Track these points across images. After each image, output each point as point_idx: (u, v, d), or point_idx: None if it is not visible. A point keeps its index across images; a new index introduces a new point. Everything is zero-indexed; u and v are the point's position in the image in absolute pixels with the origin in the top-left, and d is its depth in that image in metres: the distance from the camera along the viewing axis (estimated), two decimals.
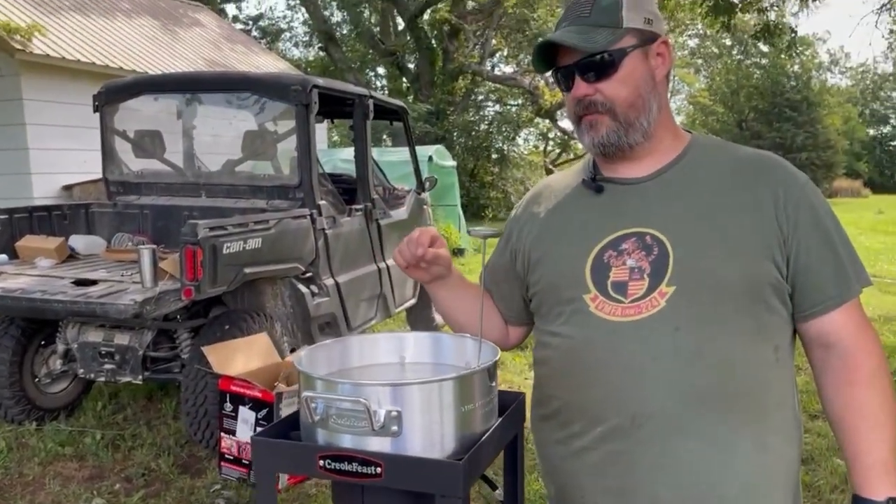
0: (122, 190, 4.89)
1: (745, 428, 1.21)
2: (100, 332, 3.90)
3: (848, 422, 1.23)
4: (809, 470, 3.62)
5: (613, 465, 1.25)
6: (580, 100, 1.29)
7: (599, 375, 1.24)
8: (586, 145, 1.32)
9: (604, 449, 1.25)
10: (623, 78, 1.26)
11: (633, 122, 1.28)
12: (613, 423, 1.23)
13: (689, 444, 1.20)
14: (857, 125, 48.25)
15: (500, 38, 23.23)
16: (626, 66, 1.26)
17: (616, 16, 1.25)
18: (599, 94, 1.27)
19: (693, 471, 1.20)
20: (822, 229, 1.25)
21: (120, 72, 8.59)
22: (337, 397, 1.09)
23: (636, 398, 1.21)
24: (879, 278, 9.67)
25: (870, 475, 1.21)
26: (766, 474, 1.23)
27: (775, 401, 1.25)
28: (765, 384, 1.23)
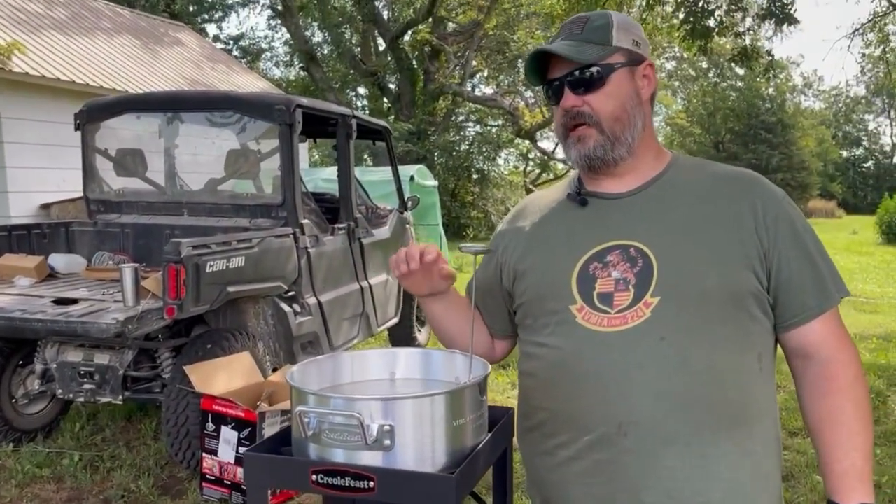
0: (102, 208, 4.86)
1: (730, 435, 1.24)
2: (79, 351, 3.85)
3: (824, 429, 1.27)
4: (789, 486, 3.65)
5: (600, 473, 1.26)
6: (568, 110, 1.33)
7: (586, 385, 1.26)
8: (573, 159, 1.36)
9: (590, 458, 1.27)
10: (610, 92, 1.31)
11: (618, 136, 1.32)
12: (600, 432, 1.25)
13: (674, 451, 1.22)
14: (830, 147, 49.13)
15: (481, 60, 23.48)
16: (613, 81, 1.31)
17: (606, 35, 1.31)
18: (587, 105, 1.31)
19: (678, 477, 1.22)
20: (801, 242, 1.29)
21: (101, 90, 8.56)
22: (330, 412, 1.10)
23: (622, 407, 1.23)
24: (854, 297, 9.81)
25: (843, 481, 1.25)
26: (750, 481, 1.26)
27: (759, 409, 1.28)
28: (749, 392, 1.26)
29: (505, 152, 26.06)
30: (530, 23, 21.41)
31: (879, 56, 9.86)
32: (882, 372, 5.84)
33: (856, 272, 12.64)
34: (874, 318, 8.49)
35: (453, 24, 22.01)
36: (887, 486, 3.65)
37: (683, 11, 8.16)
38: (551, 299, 1.33)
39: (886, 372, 5.87)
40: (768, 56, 8.71)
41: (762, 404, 1.28)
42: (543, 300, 1.34)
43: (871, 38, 9.81)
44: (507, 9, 21.12)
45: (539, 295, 1.35)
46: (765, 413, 1.29)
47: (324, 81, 21.03)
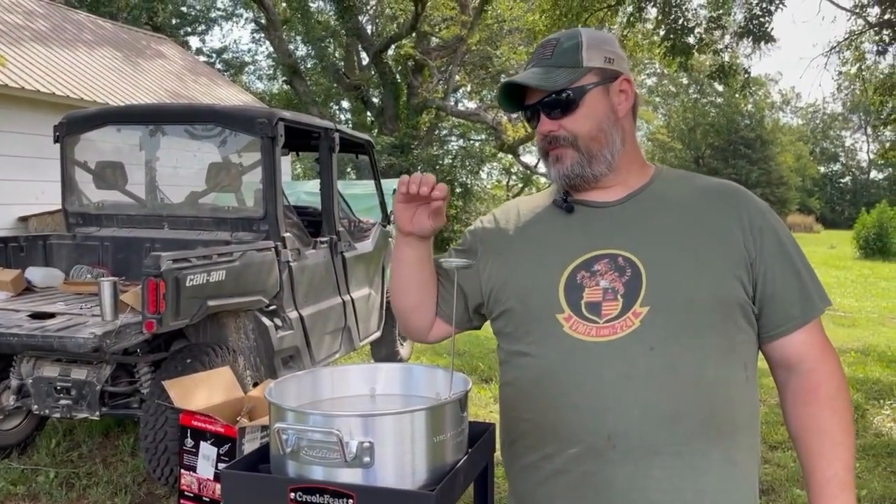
0: (81, 221, 4.80)
1: (717, 444, 1.24)
2: (56, 366, 3.79)
3: (807, 439, 1.29)
4: (770, 500, 3.67)
5: (587, 486, 1.25)
6: (545, 135, 1.35)
7: (574, 395, 1.25)
8: (553, 178, 1.37)
9: (578, 470, 1.26)
10: (584, 113, 1.32)
11: (595, 154, 1.33)
12: (587, 443, 1.24)
13: (663, 461, 1.22)
14: (808, 163, 49.88)
15: (464, 75, 23.61)
16: (586, 103, 1.32)
17: (576, 57, 1.32)
18: (563, 129, 1.32)
19: (666, 488, 1.22)
20: (786, 253, 1.31)
21: (81, 102, 8.50)
22: (308, 428, 1.09)
23: (611, 418, 1.22)
24: (833, 311, 9.92)
25: (826, 491, 1.26)
26: (735, 489, 1.26)
27: (744, 418, 1.28)
28: (735, 402, 1.26)
29: (488, 166, 26.18)
30: (513, 38, 21.58)
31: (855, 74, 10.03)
32: (860, 385, 5.90)
33: (834, 286, 12.79)
34: (852, 332, 8.58)
35: (437, 38, 22.13)
36: (866, 500, 3.67)
37: (664, 28, 8.26)
38: (537, 307, 1.31)
39: (864, 385, 5.93)
40: (745, 73, 8.83)
41: (747, 414, 1.29)
42: (528, 308, 1.32)
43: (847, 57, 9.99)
44: (490, 24, 21.27)
45: (523, 302, 1.33)
46: (749, 423, 1.30)
47: (307, 95, 21.02)
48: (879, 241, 20.33)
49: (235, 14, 27.53)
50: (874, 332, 8.61)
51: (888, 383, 6.00)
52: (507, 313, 1.36)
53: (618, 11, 8.88)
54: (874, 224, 20.70)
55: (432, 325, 1.50)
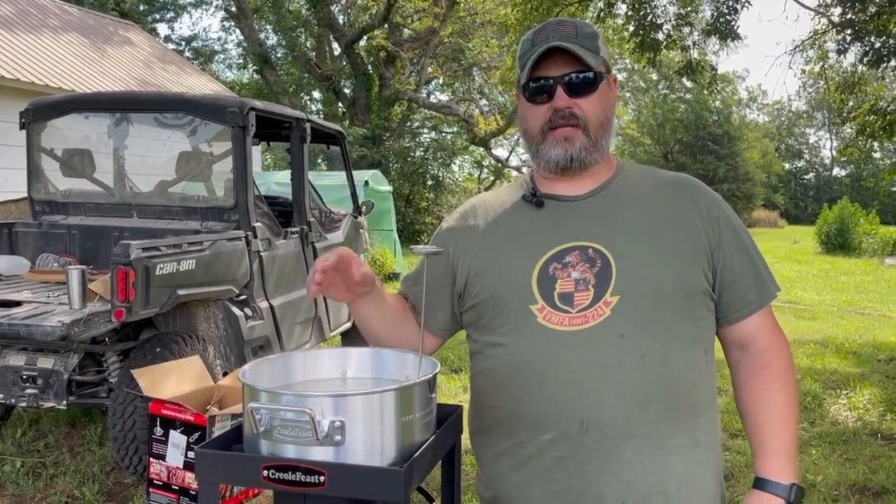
0: (47, 209, 4.75)
1: (682, 427, 1.30)
2: (22, 355, 3.75)
3: (757, 411, 1.36)
4: (730, 486, 3.78)
5: (560, 470, 1.30)
6: (559, 109, 1.35)
7: (547, 383, 1.29)
8: (553, 157, 1.36)
9: (550, 455, 1.30)
10: (599, 98, 1.37)
11: (598, 141, 1.37)
12: (560, 429, 1.29)
13: (633, 445, 1.27)
14: (773, 159, 50.73)
15: (436, 67, 23.59)
16: (601, 89, 1.37)
17: (595, 43, 1.37)
18: (578, 108, 1.35)
19: (637, 470, 1.28)
20: (741, 241, 1.39)
21: (46, 89, 8.35)
22: (281, 408, 1.12)
23: (584, 404, 1.27)
24: (793, 305, 10.17)
25: (775, 461, 1.33)
26: (700, 468, 1.33)
27: (705, 400, 1.35)
28: (698, 385, 1.33)
29: (459, 159, 26.22)
30: (485, 31, 21.61)
31: (819, 72, 10.25)
32: (818, 376, 6.07)
33: (795, 280, 13.08)
34: (812, 325, 8.80)
35: (409, 30, 22.07)
36: (822, 486, 3.80)
37: (633, 24, 8.36)
38: (510, 299, 1.35)
39: (823, 375, 6.11)
40: (712, 70, 8.98)
41: (708, 396, 1.37)
42: (501, 300, 1.36)
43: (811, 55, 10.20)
44: (463, 17, 21.28)
45: (497, 294, 1.36)
46: (709, 404, 1.37)
47: (278, 85, 20.86)
48: (840, 237, 20.81)
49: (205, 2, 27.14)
50: (833, 325, 8.84)
51: (845, 374, 6.18)
52: (480, 305, 1.39)
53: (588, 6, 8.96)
54: (836, 220, 21.17)
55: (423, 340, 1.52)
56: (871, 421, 4.95)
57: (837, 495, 3.71)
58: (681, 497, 1.30)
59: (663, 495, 1.29)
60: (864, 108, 9.26)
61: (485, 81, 23.75)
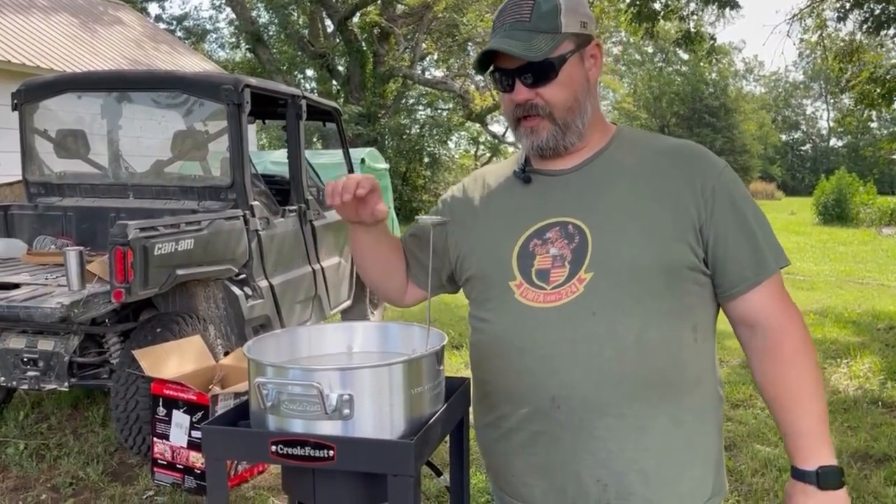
0: (43, 191, 4.71)
1: (661, 405, 1.27)
2: (22, 338, 3.74)
3: (777, 397, 1.31)
4: (731, 456, 3.80)
5: (537, 444, 1.30)
6: (520, 104, 1.33)
7: (521, 359, 1.29)
8: (525, 147, 1.38)
9: (528, 429, 1.31)
10: (562, 83, 1.31)
11: (570, 124, 1.33)
12: (534, 404, 1.29)
13: (606, 422, 1.26)
14: (770, 131, 50.60)
15: (431, 42, 23.35)
16: (565, 72, 1.30)
17: (555, 21, 1.28)
18: (539, 97, 1.31)
19: (611, 448, 1.26)
20: (739, 213, 1.31)
21: (37, 70, 8.26)
22: (289, 382, 1.11)
23: (555, 381, 1.26)
24: (792, 275, 10.18)
25: (800, 446, 1.29)
26: (683, 448, 1.30)
27: (692, 379, 1.31)
28: (681, 363, 1.29)
29: (456, 136, 26.08)
30: (479, 5, 21.36)
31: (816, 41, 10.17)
32: (818, 345, 6.09)
33: (794, 251, 13.09)
34: (811, 295, 8.82)
35: (402, 5, 21.81)
36: None
37: None
38: (493, 275, 1.35)
39: (823, 345, 6.13)
40: (711, 39, 8.90)
41: (696, 374, 1.31)
42: (486, 275, 1.37)
43: (809, 24, 10.11)
44: None
45: (482, 270, 1.38)
46: (699, 381, 1.32)
47: (271, 63, 20.64)
48: (838, 208, 20.82)
49: None
50: (832, 295, 8.86)
51: (845, 343, 6.21)
52: (471, 280, 1.41)
53: None
54: (833, 191, 21.17)
55: (406, 290, 1.54)
56: (872, 389, 4.97)
57: (840, 463, 3.72)
58: (660, 477, 1.28)
59: (640, 474, 1.27)
60: (863, 77, 9.19)
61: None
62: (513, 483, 1.37)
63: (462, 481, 1.39)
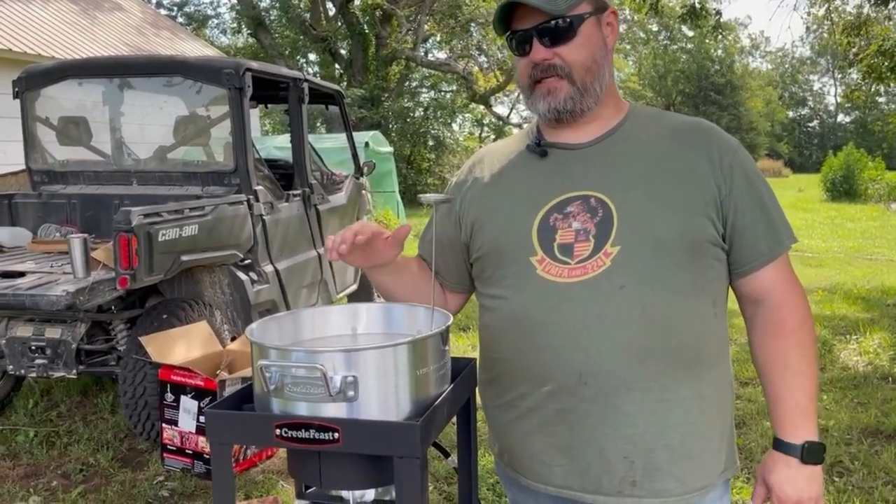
0: (46, 179, 4.70)
1: (685, 380, 1.27)
2: (29, 326, 3.74)
3: (771, 371, 1.32)
4: (741, 433, 3.79)
5: (560, 423, 1.29)
6: (538, 63, 1.30)
7: (546, 336, 1.27)
8: (541, 111, 1.33)
9: (551, 408, 1.29)
10: (581, 43, 1.29)
11: (588, 87, 1.31)
12: (559, 381, 1.27)
13: (633, 397, 1.24)
14: (777, 108, 50.22)
15: (433, 24, 23.18)
16: (583, 32, 1.29)
17: None
18: (558, 58, 1.29)
19: (637, 423, 1.25)
20: (755, 190, 1.31)
21: (38, 58, 8.23)
22: (292, 364, 1.09)
23: (582, 357, 1.25)
24: (800, 253, 10.13)
25: (788, 419, 1.30)
26: (704, 422, 1.29)
27: (712, 353, 1.31)
28: (703, 338, 1.29)
29: (460, 118, 25.97)
30: None
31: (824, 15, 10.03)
32: (827, 322, 6.06)
33: (802, 228, 13.02)
34: (819, 272, 8.77)
35: None
36: (834, 430, 3.80)
37: None
38: (511, 251, 1.32)
39: (831, 322, 6.09)
40: (716, 15, 8.79)
41: (715, 348, 1.31)
42: (502, 252, 1.34)
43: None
44: None
45: (498, 246, 1.35)
46: (718, 356, 1.32)
47: (273, 48, 20.54)
48: (846, 184, 20.66)
49: None
50: (840, 271, 8.81)
51: (854, 319, 6.17)
52: (483, 258, 1.38)
53: None
54: (841, 167, 21.00)
55: (446, 300, 1.52)
56: (882, 365, 4.94)
57: (850, 439, 3.72)
58: (686, 452, 1.27)
59: (667, 449, 1.26)
60: (871, 50, 9.07)
61: (483, 37, 23.33)
62: (530, 463, 1.35)
63: (469, 462, 1.38)
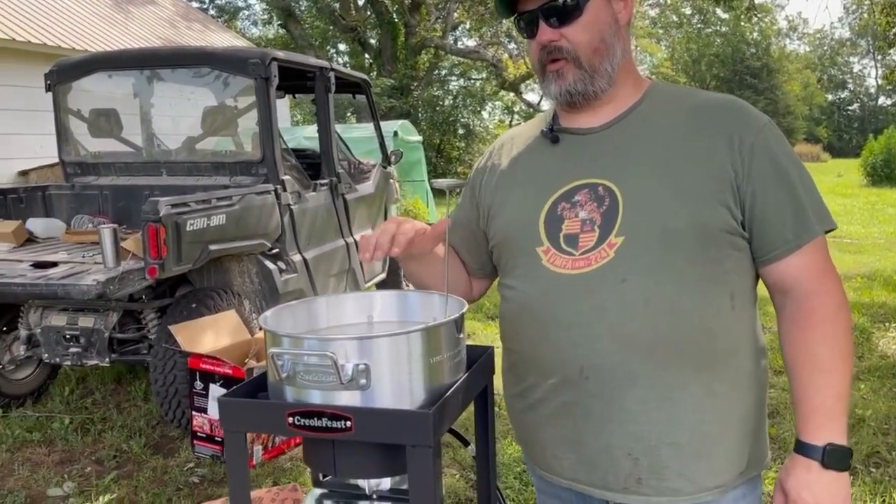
0: (79, 171, 4.78)
1: (695, 376, 1.20)
2: (63, 315, 3.82)
3: (797, 366, 1.22)
4: (775, 423, 3.71)
5: (566, 416, 1.26)
6: (545, 46, 1.27)
7: (549, 328, 1.24)
8: (552, 94, 1.30)
9: (557, 400, 1.26)
10: (588, 22, 1.25)
11: (597, 68, 1.26)
12: (563, 375, 1.24)
13: (637, 393, 1.20)
14: (815, 91, 49.04)
15: (462, 11, 23.04)
16: (590, 10, 1.24)
17: None
18: (564, 39, 1.25)
19: (641, 420, 1.21)
20: (780, 171, 1.22)
21: (72, 52, 8.35)
22: (304, 352, 1.08)
23: (582, 351, 1.21)
24: (839, 239, 9.89)
25: (811, 420, 1.20)
26: (717, 421, 1.22)
27: (728, 348, 1.23)
28: (717, 332, 1.21)
29: (490, 106, 25.82)
30: None
31: None
32: (866, 309, 5.91)
33: (841, 214, 12.72)
34: (859, 258, 8.57)
35: None
36: (871, 420, 3.71)
37: None
38: (519, 240, 1.30)
39: (870, 309, 5.95)
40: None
41: (732, 342, 1.23)
42: (512, 241, 1.32)
43: None
44: None
45: (508, 236, 1.33)
46: (735, 353, 1.24)
47: (303, 39, 20.62)
48: (887, 168, 20.13)
49: None
50: (880, 258, 8.59)
51: (893, 306, 6.02)
52: (497, 247, 1.37)
53: None
54: (882, 150, 20.45)
55: (471, 286, 1.51)
56: None
57: (888, 429, 3.62)
58: (694, 450, 1.21)
59: (674, 447, 1.21)
60: None
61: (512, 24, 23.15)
62: (542, 455, 1.34)
63: (487, 451, 1.36)
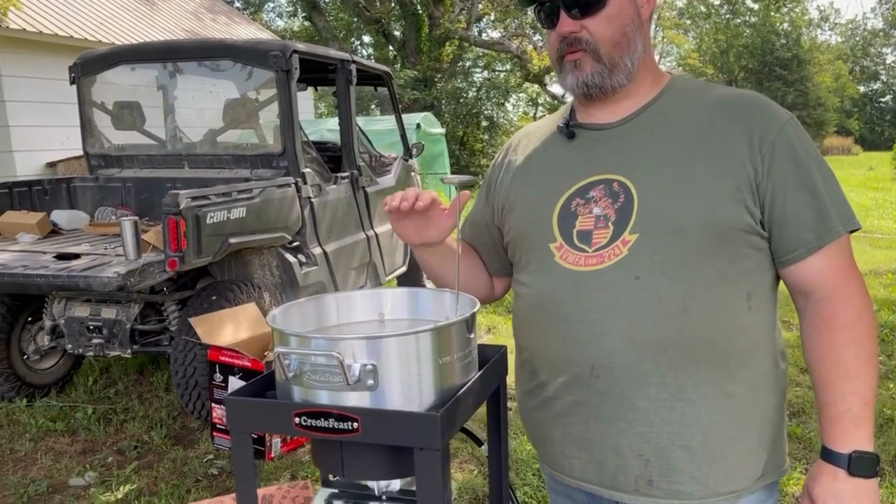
0: (103, 163, 4.82)
1: (708, 377, 1.17)
2: (86, 306, 3.86)
3: (821, 371, 1.19)
4: (800, 422, 3.64)
5: (576, 414, 1.24)
6: (565, 37, 1.24)
7: (561, 326, 1.22)
8: (569, 86, 1.27)
9: (567, 399, 1.25)
10: (610, 15, 1.22)
11: (617, 62, 1.24)
12: (573, 373, 1.22)
13: (647, 393, 1.17)
14: (847, 82, 48.06)
15: (487, 3, 22.91)
16: (613, 3, 1.22)
17: None
18: (585, 31, 1.23)
19: (653, 420, 1.18)
20: (802, 170, 1.18)
21: (98, 44, 8.43)
22: (310, 352, 1.06)
23: (594, 349, 1.19)
24: (870, 234, 9.70)
25: (836, 427, 1.17)
26: (731, 423, 1.19)
27: (745, 349, 1.20)
28: (732, 333, 1.18)
29: (514, 98, 25.68)
30: None
31: None
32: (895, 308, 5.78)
33: (871, 208, 12.46)
34: (889, 254, 8.39)
35: None
36: None
37: None
38: (533, 237, 1.29)
39: None
40: None
41: (747, 343, 1.20)
42: (525, 237, 1.30)
43: None
44: None
45: (522, 232, 1.31)
46: (752, 354, 1.21)
47: (327, 31, 20.63)
48: None
49: None
50: None
51: None
52: (511, 243, 1.36)
53: None
54: None
55: (492, 284, 1.49)
56: None
57: None
58: (707, 453, 1.18)
59: (685, 450, 1.18)
60: None
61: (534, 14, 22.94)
62: (553, 454, 1.32)
63: (500, 452, 1.33)
